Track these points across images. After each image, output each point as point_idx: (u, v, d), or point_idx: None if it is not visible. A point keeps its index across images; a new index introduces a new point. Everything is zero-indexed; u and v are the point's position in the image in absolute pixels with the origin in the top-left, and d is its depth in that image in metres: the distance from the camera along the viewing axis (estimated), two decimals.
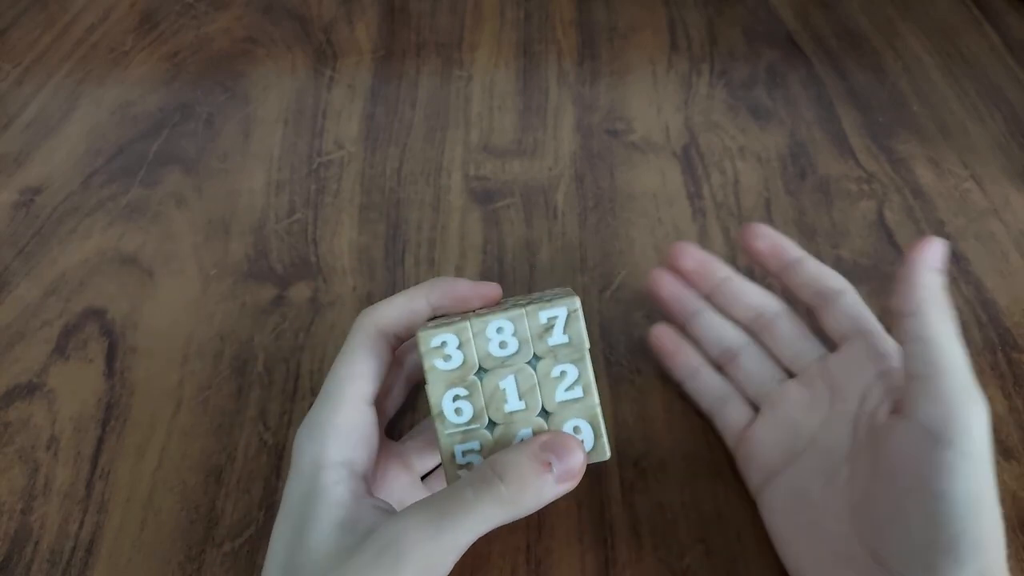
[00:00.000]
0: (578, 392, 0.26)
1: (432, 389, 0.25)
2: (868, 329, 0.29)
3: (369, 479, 0.26)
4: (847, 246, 0.40)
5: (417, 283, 0.39)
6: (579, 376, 0.26)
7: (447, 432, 0.26)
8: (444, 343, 0.25)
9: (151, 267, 0.40)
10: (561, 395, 0.26)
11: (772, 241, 0.32)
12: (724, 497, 0.31)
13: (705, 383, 0.32)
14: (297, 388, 0.35)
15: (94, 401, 0.35)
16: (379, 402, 0.28)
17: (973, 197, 0.43)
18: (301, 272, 0.40)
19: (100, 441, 0.33)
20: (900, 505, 0.24)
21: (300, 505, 0.24)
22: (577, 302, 0.25)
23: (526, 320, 0.25)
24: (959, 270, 0.39)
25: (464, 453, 0.26)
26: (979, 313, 0.37)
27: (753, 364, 0.31)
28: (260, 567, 0.29)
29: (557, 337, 0.25)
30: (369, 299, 0.38)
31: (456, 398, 0.25)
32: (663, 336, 0.33)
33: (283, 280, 0.39)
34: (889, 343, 0.28)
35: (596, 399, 0.26)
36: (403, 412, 0.34)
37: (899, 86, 0.50)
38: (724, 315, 0.33)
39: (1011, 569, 0.29)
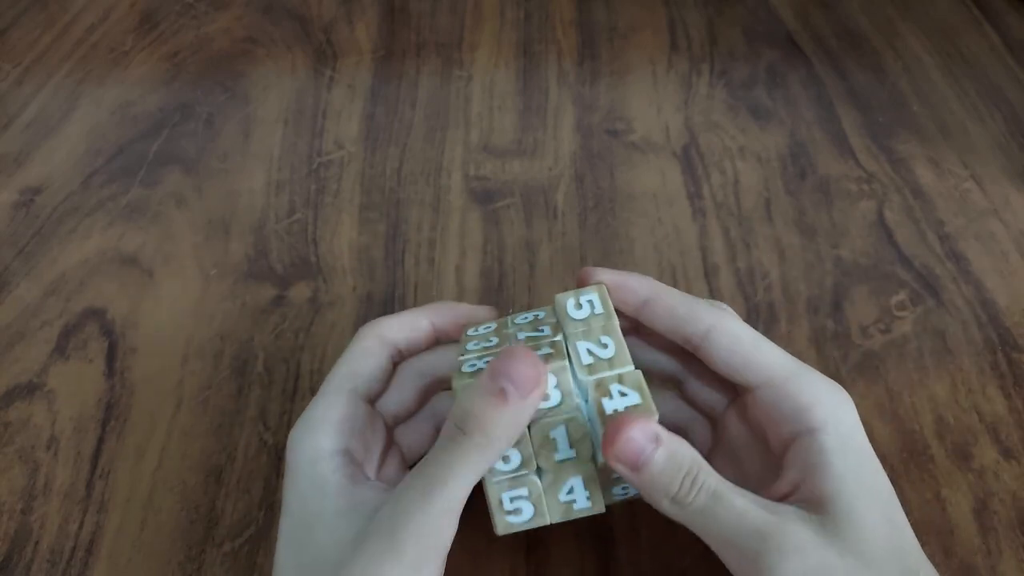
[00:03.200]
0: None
1: None
2: (760, 382, 0.26)
3: (367, 468, 0.26)
4: (847, 246, 0.40)
5: (417, 283, 0.39)
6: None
7: (494, 480, 0.24)
8: None
9: (151, 267, 0.40)
10: None
11: (613, 284, 0.27)
12: None
13: (665, 405, 0.30)
14: (297, 388, 0.35)
15: (94, 401, 0.35)
16: (383, 405, 0.28)
17: (973, 197, 0.43)
18: (301, 272, 0.40)
19: (100, 441, 0.33)
20: None
21: (303, 502, 0.24)
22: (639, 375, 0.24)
23: (569, 374, 0.24)
24: (959, 270, 0.39)
25: (512, 500, 0.25)
26: (979, 313, 0.37)
27: (699, 386, 0.29)
28: (260, 567, 0.29)
29: (617, 402, 0.24)
30: (369, 299, 0.38)
31: None
32: None
33: (283, 280, 0.39)
34: (791, 397, 0.25)
35: None
36: None
37: (899, 86, 0.50)
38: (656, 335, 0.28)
39: (1012, 569, 0.29)
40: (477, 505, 0.24)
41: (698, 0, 0.57)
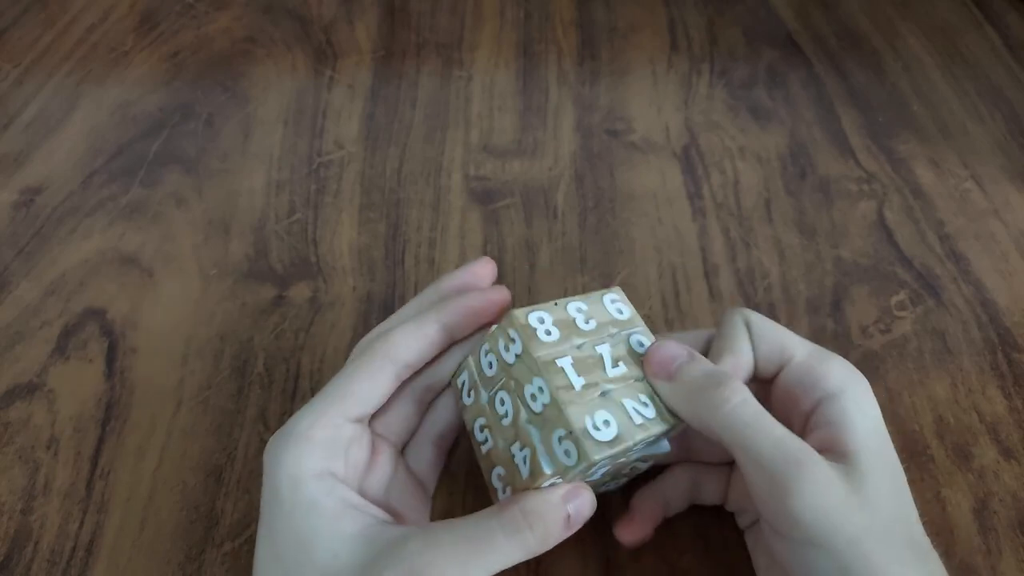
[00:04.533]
0: (651, 413, 0.26)
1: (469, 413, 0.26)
2: (787, 359, 0.27)
3: (353, 486, 0.26)
4: (847, 246, 0.40)
5: (417, 283, 0.39)
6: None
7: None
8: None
9: (151, 267, 0.40)
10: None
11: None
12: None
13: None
14: (297, 388, 0.35)
15: (94, 401, 0.35)
16: (381, 424, 0.28)
17: (973, 197, 0.43)
18: (301, 272, 0.40)
19: (100, 441, 0.33)
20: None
21: (291, 522, 0.24)
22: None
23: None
24: (959, 270, 0.39)
25: (481, 428, 0.27)
26: (979, 313, 0.37)
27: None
28: None
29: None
30: (369, 299, 0.38)
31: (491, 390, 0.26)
32: None
33: (283, 280, 0.39)
34: (814, 369, 0.27)
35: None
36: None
37: (899, 86, 0.50)
38: None
39: (1012, 569, 0.29)
40: (480, 502, 0.24)
41: (698, 0, 0.57)
